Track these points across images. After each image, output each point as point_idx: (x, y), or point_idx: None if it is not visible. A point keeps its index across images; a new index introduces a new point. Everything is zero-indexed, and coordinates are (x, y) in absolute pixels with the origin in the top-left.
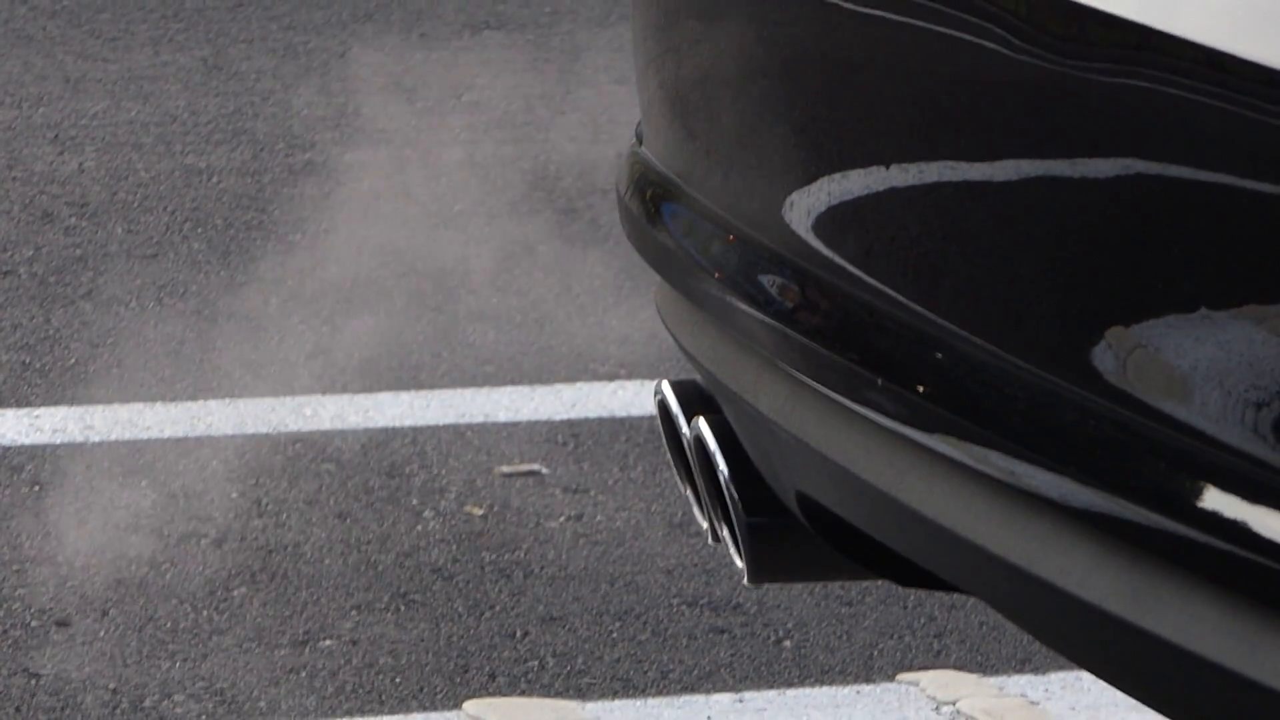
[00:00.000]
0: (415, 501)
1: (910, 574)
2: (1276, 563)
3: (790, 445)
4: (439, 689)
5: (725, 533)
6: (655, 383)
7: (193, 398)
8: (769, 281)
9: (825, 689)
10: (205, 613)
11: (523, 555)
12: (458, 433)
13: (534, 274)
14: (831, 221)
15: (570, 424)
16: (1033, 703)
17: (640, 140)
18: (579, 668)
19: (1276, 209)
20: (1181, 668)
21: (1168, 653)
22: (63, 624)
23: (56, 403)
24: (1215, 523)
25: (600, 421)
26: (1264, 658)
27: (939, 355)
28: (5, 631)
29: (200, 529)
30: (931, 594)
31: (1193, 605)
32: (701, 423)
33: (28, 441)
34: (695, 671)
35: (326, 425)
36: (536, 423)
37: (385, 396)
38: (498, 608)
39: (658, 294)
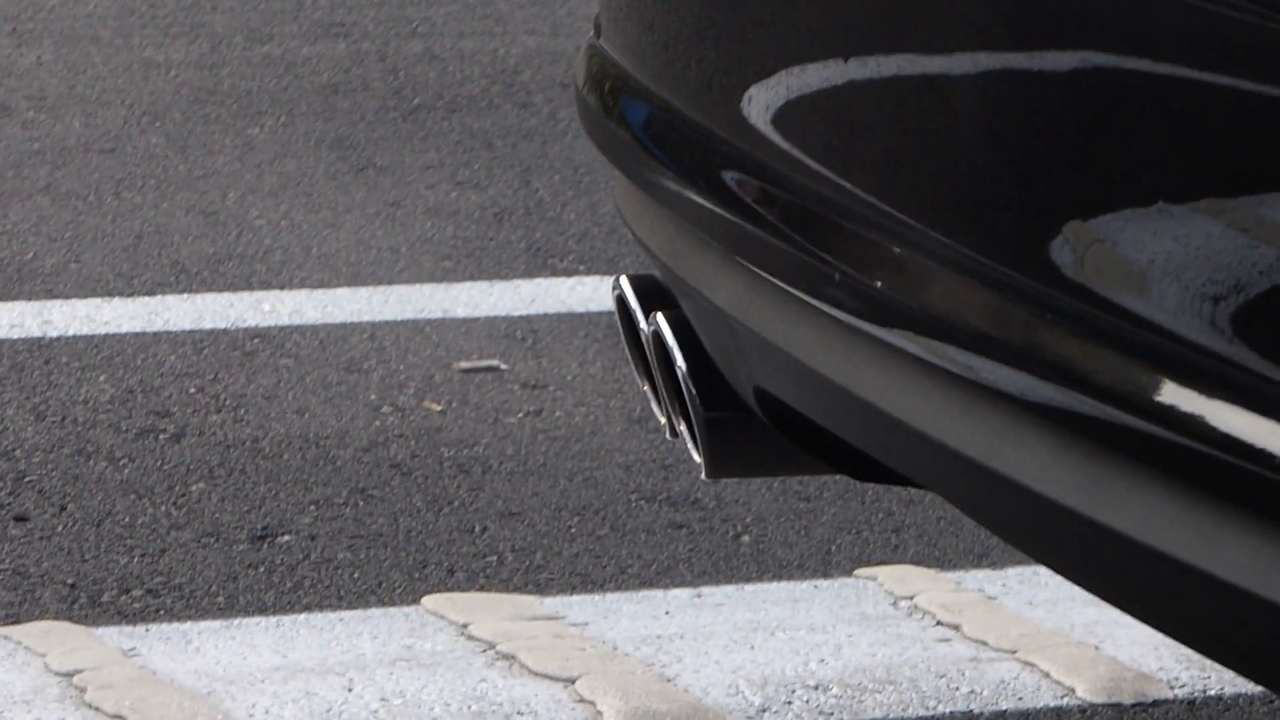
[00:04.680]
0: (373, 397)
1: (868, 469)
2: (1232, 456)
3: (748, 340)
4: (397, 584)
5: (683, 428)
6: (614, 278)
7: (151, 292)
8: (728, 175)
9: (783, 584)
10: (163, 508)
11: (481, 451)
12: (416, 328)
13: (492, 168)
14: (791, 115)
15: (528, 319)
16: (990, 597)
17: (598, 33)
18: (537, 563)
19: (1234, 103)
20: (1137, 561)
21: (1124, 546)
22: (21, 519)
23: (14, 297)
24: (1172, 417)
25: (559, 317)
26: (1219, 551)
27: (897, 250)
28: None
29: (158, 424)
30: (889, 489)
31: (1149, 499)
32: (660, 318)
33: None
34: (654, 566)
35: (284, 320)
36: (495, 318)
37: (343, 292)
38: (456, 503)
39: (616, 188)
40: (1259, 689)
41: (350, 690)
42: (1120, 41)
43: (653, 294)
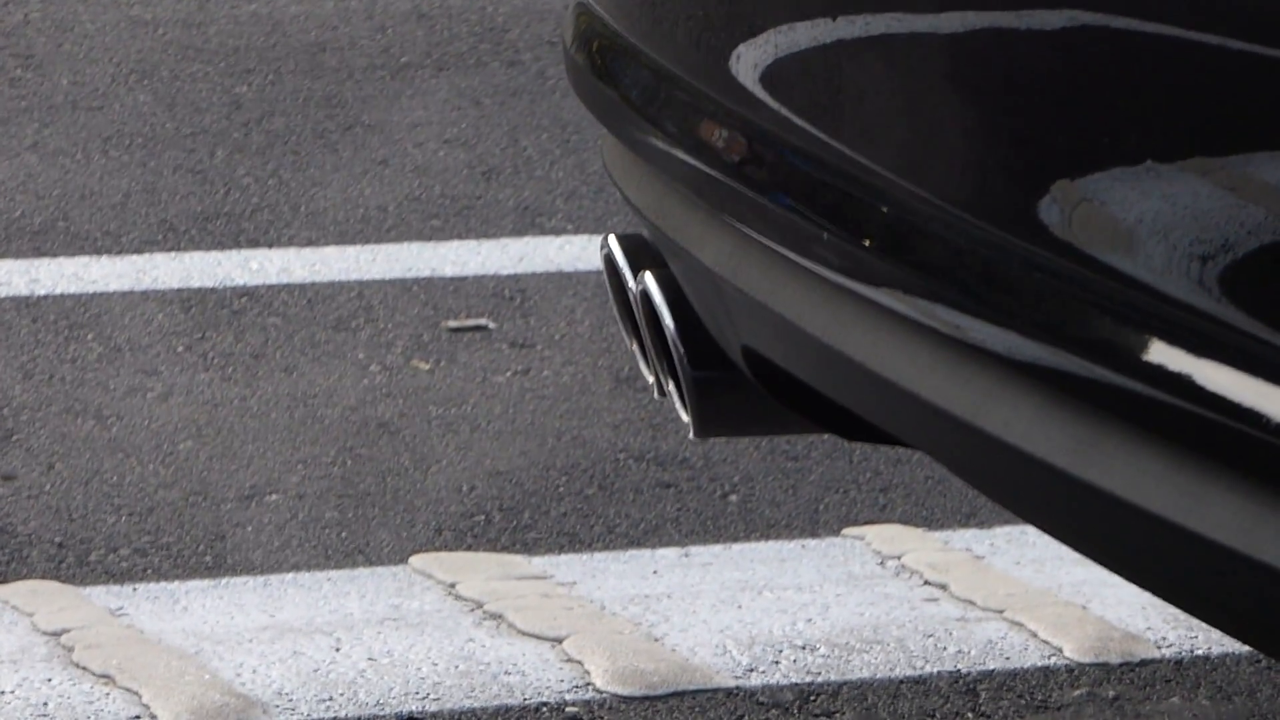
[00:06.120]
0: (361, 356)
1: (856, 428)
2: (1218, 415)
3: (736, 299)
4: (385, 543)
5: (671, 387)
6: (602, 237)
7: (138, 251)
8: (715, 134)
9: (771, 543)
10: (151, 466)
11: (469, 410)
12: (404, 287)
13: (480, 127)
14: (779, 74)
15: (517, 278)
16: (978, 557)
17: None
18: (525, 522)
19: (1222, 61)
20: (1124, 520)
21: (1111, 506)
22: (8, 478)
23: (1, 256)
24: (1159, 376)
25: (547, 276)
26: (1205, 510)
27: (885, 209)
28: None
29: (146, 383)
30: (877, 448)
31: (1136, 458)
32: (648, 277)
33: None
34: (641, 525)
35: (272, 279)
36: (483, 277)
37: (331, 250)
38: (444, 462)
39: (605, 147)
40: (1246, 648)
41: (338, 650)
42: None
43: (641, 253)
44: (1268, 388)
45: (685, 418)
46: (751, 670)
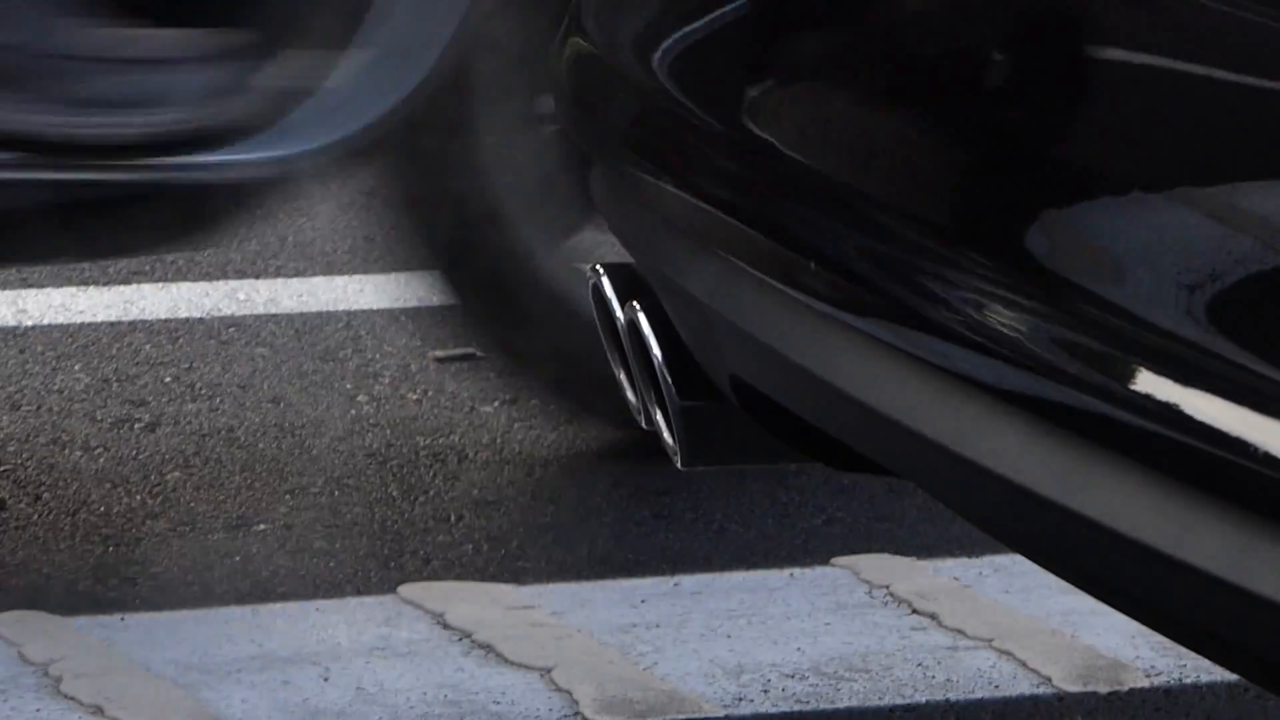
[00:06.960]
0: (349, 386)
1: (844, 458)
2: (1207, 445)
3: (723, 329)
4: (373, 573)
5: (658, 416)
6: (589, 266)
7: (126, 282)
8: (704, 165)
9: (759, 573)
10: (139, 497)
11: (457, 439)
12: (392, 317)
13: None
14: (767, 105)
15: None
16: (966, 586)
17: (576, 22)
18: (513, 551)
19: (1210, 90)
20: (1113, 550)
21: (1098, 535)
22: None
23: None
24: (1147, 405)
25: None
26: (1194, 539)
27: (873, 239)
28: None
29: (134, 413)
30: (866, 478)
31: (1124, 487)
32: (635, 306)
33: None
34: (630, 555)
35: (260, 309)
36: None
37: (319, 281)
38: (432, 492)
39: (592, 177)
40: (1235, 677)
41: (326, 679)
42: (1093, 22)
43: (629, 282)
44: (1255, 417)
45: (672, 447)
46: (740, 699)
